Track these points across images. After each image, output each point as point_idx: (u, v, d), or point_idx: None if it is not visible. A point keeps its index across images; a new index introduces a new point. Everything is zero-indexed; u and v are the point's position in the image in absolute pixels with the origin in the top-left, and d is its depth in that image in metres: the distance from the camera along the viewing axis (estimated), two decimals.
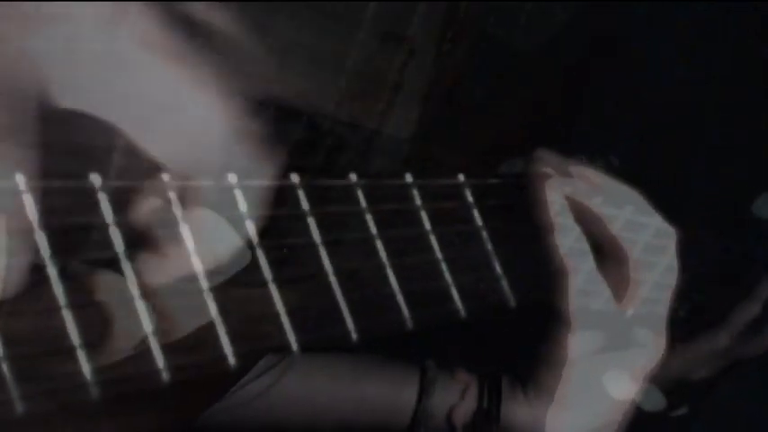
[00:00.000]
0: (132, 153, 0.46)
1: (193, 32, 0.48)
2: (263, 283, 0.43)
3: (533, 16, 1.96)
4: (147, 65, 0.46)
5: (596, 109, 1.86)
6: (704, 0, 1.74)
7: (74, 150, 0.45)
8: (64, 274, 0.41)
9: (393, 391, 0.72)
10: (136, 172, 0.46)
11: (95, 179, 0.44)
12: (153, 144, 0.46)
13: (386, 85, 2.02)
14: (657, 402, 0.65)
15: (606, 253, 0.59)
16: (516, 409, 0.69)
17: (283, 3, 1.86)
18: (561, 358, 0.56)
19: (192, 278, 0.44)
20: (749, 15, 1.71)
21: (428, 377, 0.72)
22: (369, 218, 0.47)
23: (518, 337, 0.57)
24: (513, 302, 0.55)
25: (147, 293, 0.43)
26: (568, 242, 0.56)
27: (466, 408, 0.71)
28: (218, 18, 0.51)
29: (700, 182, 1.59)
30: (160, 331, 0.43)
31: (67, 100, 0.44)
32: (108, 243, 0.42)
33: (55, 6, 0.46)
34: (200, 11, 0.50)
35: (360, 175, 0.51)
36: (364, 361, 0.55)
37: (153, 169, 0.46)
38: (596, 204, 0.59)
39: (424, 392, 0.72)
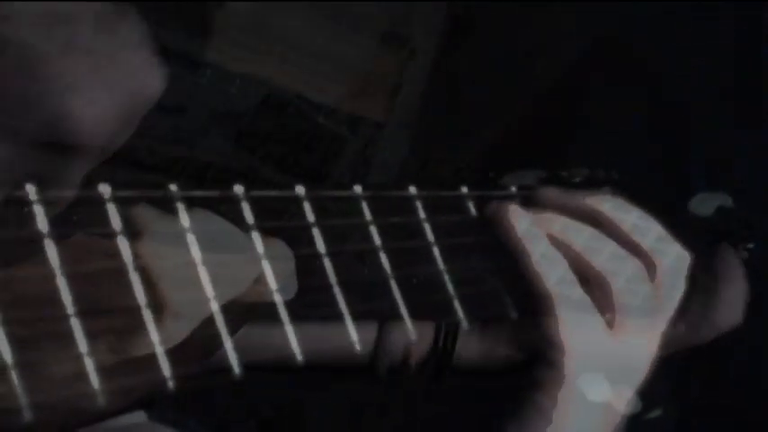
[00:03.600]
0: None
1: None
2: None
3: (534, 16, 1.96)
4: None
5: (597, 115, 1.86)
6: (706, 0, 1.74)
7: None
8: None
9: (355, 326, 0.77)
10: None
11: (104, 189, 0.45)
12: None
13: (386, 85, 2.02)
14: (633, 405, 0.66)
15: (591, 283, 0.60)
16: (469, 344, 0.76)
17: (284, 3, 1.86)
18: (556, 381, 0.57)
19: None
20: (750, 16, 1.71)
21: (388, 321, 0.77)
22: (373, 229, 0.48)
23: None
24: (514, 314, 0.56)
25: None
26: (553, 272, 0.57)
27: (422, 347, 0.77)
28: None
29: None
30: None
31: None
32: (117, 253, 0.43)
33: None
34: None
35: (361, 178, 0.52)
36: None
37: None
38: (581, 238, 0.59)
39: (383, 331, 0.77)
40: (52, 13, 0.48)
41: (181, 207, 0.46)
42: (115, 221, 0.45)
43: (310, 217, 0.45)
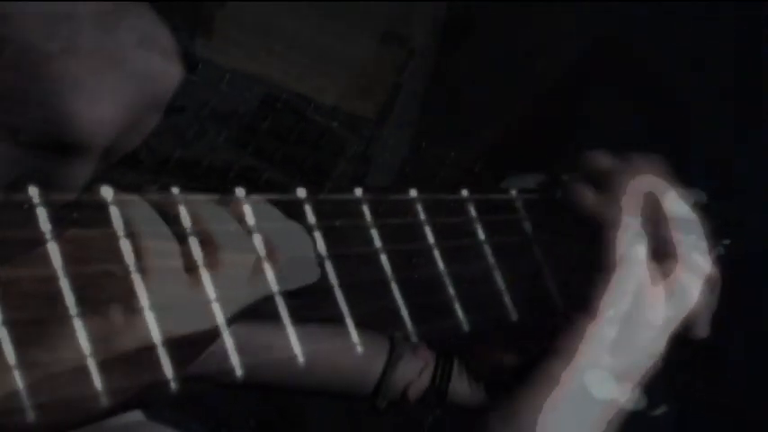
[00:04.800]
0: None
1: None
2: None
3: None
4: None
5: (597, 115, 1.86)
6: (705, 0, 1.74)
7: None
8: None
9: (364, 363, 0.83)
10: None
11: (107, 192, 0.45)
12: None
13: (386, 84, 2.02)
14: (639, 401, 0.66)
15: (659, 254, 0.61)
16: (461, 387, 0.82)
17: (285, 2, 1.86)
18: (565, 359, 0.58)
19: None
20: (750, 16, 1.71)
21: (395, 353, 0.83)
22: (374, 232, 0.48)
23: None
24: (514, 316, 0.56)
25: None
26: (627, 242, 0.58)
27: (421, 385, 0.82)
28: None
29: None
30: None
31: None
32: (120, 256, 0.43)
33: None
34: None
35: (361, 178, 0.52)
36: (343, 331, 0.57)
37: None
38: (669, 204, 0.61)
39: (389, 367, 0.82)
40: (53, 13, 0.48)
41: (182, 209, 0.46)
42: (117, 222, 0.45)
43: (311, 219, 0.46)
